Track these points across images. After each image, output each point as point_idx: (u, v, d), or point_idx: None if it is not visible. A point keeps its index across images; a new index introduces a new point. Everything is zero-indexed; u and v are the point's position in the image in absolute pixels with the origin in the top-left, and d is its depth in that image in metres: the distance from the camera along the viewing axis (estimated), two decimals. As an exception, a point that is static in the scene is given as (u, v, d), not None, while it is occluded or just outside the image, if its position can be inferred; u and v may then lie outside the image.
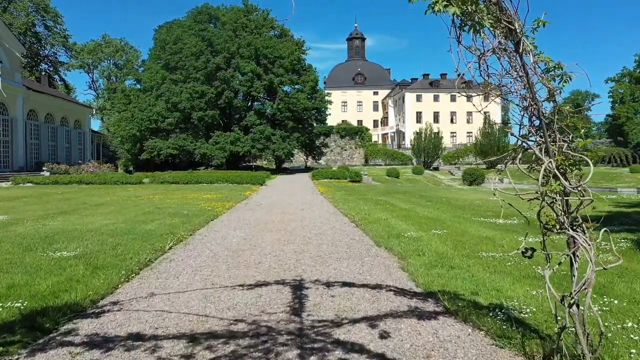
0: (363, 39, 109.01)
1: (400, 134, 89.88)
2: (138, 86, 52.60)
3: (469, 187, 22.67)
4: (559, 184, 2.70)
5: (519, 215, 9.27)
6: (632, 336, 3.40)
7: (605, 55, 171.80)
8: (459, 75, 2.86)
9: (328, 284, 5.09)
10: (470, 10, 2.61)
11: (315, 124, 52.12)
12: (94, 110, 57.17)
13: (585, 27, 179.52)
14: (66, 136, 42.68)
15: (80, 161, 42.45)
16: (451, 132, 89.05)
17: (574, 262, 2.87)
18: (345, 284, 5.09)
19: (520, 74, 2.79)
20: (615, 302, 4.25)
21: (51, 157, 39.75)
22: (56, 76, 61.99)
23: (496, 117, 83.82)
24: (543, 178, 2.75)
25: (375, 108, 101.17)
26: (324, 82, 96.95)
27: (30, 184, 25.79)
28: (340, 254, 6.79)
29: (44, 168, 35.15)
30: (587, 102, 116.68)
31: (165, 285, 5.17)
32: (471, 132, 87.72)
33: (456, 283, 4.95)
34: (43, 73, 54.44)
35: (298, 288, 4.96)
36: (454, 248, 6.83)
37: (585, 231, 2.76)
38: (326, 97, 50.36)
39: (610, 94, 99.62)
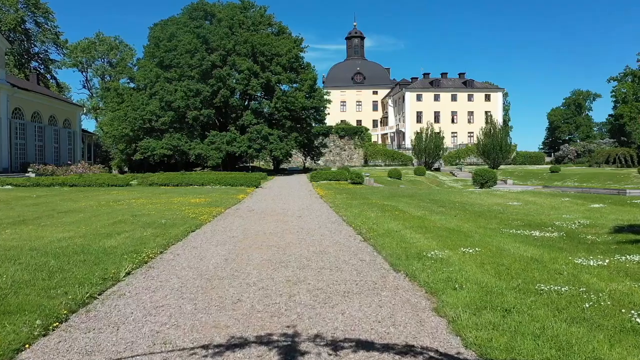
0: (362, 38, 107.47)
1: (400, 134, 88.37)
2: (132, 85, 50.95)
3: (480, 189, 20.99)
4: None
5: (554, 224, 7.61)
6: None
7: (608, 55, 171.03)
8: None
9: (335, 345, 3.43)
10: None
11: (313, 124, 50.56)
12: (84, 109, 55.46)
13: (587, 26, 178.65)
14: (54, 136, 40.93)
15: (69, 162, 40.68)
16: (452, 132, 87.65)
17: None
18: (359, 345, 3.44)
19: None
20: None
21: (38, 158, 38.03)
22: (48, 75, 60.22)
23: (497, 116, 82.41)
24: None
25: (375, 108, 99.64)
26: (323, 82, 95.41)
27: (10, 186, 24.07)
28: (348, 285, 5.13)
29: (29, 169, 33.44)
30: (588, 101, 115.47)
31: (92, 346, 3.50)
32: (472, 132, 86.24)
33: (526, 344, 3.30)
34: (33, 71, 52.63)
35: (290, 354, 3.31)
36: (498, 276, 5.17)
37: None
38: (325, 96, 48.74)
39: (613, 93, 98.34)
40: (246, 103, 47.88)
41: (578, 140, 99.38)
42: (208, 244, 7.88)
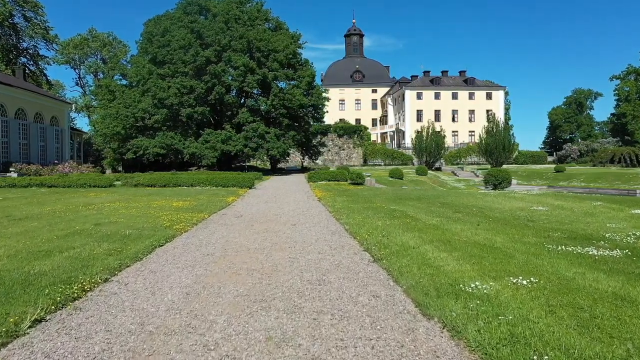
0: (361, 36, 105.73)
1: (400, 133, 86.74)
2: (124, 82, 49.11)
3: (492, 191, 19.18)
4: None
5: (604, 237, 5.78)
6: None
7: (610, 53, 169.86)
8: None
9: None
10: None
11: (312, 122, 48.76)
12: (73, 106, 53.58)
13: (588, 24, 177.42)
14: (41, 134, 39.01)
15: (56, 161, 38.84)
16: (453, 131, 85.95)
17: None
18: None
19: None
20: None
21: (23, 157, 36.15)
22: (37, 71, 58.28)
23: (499, 115, 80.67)
24: None
25: (374, 106, 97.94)
26: (321, 80, 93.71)
27: (-17, 187, 22.27)
28: (360, 350, 3.33)
29: (11, 169, 31.56)
30: (589, 100, 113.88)
31: None
32: (473, 131, 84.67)
33: None
34: (20, 66, 50.66)
35: None
36: (587, 333, 3.41)
37: None
38: (323, 94, 46.96)
39: (616, 92, 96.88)
40: (242, 100, 46.11)
41: (579, 140, 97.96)
42: (172, 266, 6.10)
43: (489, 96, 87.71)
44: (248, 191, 21.30)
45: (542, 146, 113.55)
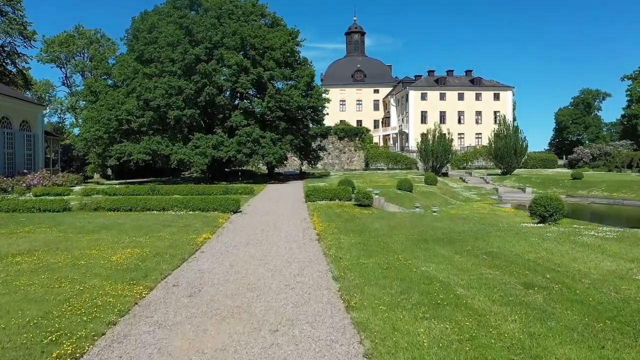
0: (362, 34, 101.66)
1: (403, 135, 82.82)
2: (109, 81, 45.18)
3: (542, 224, 14.88)
4: None
5: None
6: None
7: (619, 52, 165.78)
8: None
9: None
10: None
11: (311, 125, 44.81)
12: (47, 108, 49.51)
13: (598, 22, 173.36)
14: (7, 140, 34.94)
15: (25, 170, 34.84)
16: (459, 134, 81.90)
17: None
18: None
19: None
20: None
21: (-14, 166, 32.24)
22: (15, 70, 54.19)
23: (507, 116, 76.49)
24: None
25: (376, 107, 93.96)
26: (321, 80, 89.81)
27: None
28: None
29: (-35, 182, 27.64)
30: (597, 101, 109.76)
31: None
32: (480, 134, 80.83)
33: None
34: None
35: None
36: None
37: None
38: (323, 95, 43.02)
39: (628, 92, 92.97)
40: (235, 102, 42.17)
41: (587, 141, 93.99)
42: None
43: (496, 97, 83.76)
44: (231, 218, 17.23)
45: (548, 148, 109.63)
